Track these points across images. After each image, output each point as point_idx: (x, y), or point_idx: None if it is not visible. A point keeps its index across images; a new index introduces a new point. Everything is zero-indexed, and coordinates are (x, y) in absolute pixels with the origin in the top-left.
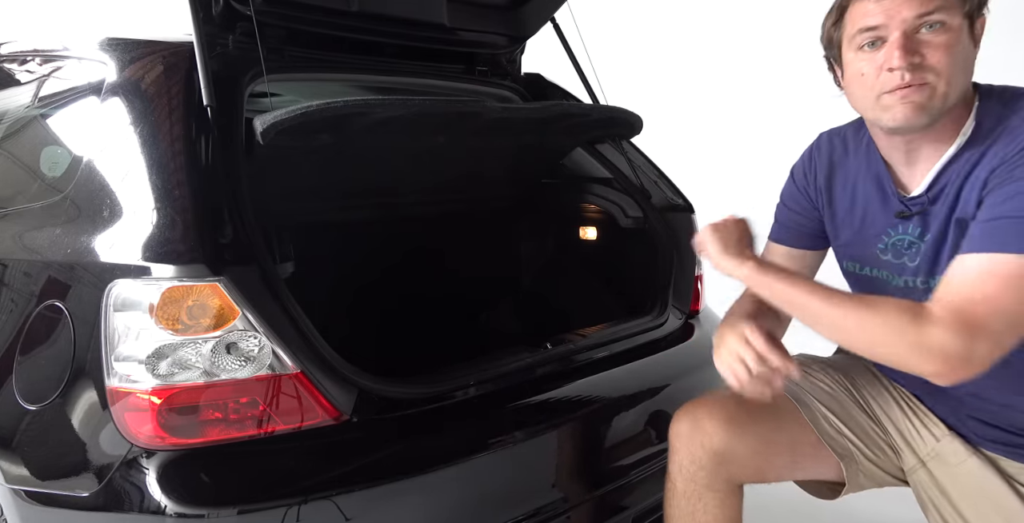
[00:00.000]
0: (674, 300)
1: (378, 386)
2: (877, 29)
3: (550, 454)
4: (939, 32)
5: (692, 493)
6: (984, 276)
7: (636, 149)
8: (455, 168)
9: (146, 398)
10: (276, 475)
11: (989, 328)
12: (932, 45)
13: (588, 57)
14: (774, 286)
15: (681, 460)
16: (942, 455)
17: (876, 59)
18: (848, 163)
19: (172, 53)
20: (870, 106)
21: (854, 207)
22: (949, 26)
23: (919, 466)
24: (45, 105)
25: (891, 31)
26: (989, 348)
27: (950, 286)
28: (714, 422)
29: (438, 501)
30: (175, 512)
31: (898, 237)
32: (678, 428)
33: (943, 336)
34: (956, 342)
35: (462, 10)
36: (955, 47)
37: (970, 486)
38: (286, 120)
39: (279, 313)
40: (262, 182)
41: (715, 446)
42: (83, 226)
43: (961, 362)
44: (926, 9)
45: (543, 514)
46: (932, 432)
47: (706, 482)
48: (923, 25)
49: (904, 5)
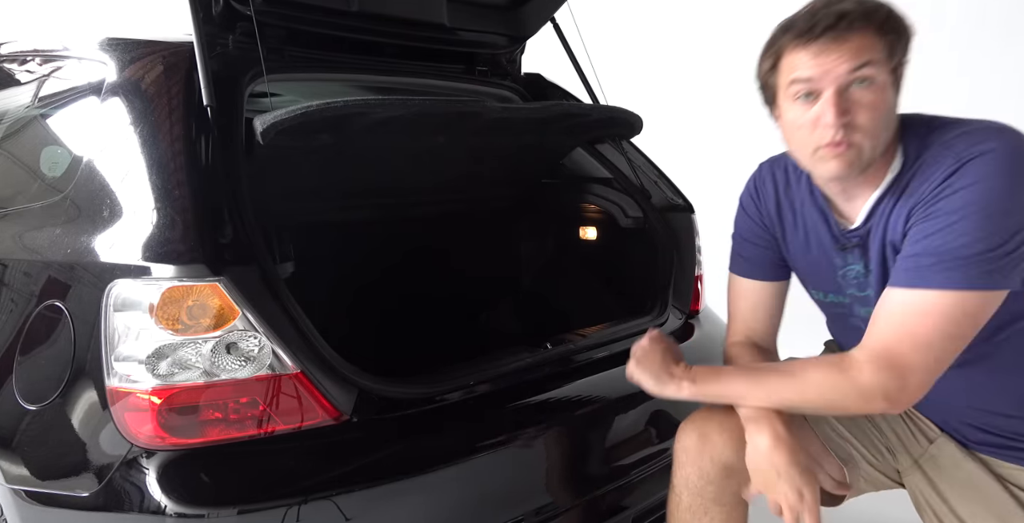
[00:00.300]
0: (674, 300)
1: (378, 386)
2: (811, 82)
3: (550, 454)
4: (868, 89)
5: (698, 507)
6: (904, 312)
7: (636, 149)
8: (455, 168)
9: (146, 398)
10: (276, 475)
11: (913, 363)
12: (861, 104)
13: (588, 57)
14: (718, 394)
15: (688, 475)
16: (935, 456)
17: (811, 113)
18: (793, 193)
19: (172, 53)
20: (807, 157)
21: (807, 237)
22: (877, 83)
23: (914, 467)
24: (45, 105)
25: (825, 86)
26: (920, 377)
27: (874, 323)
28: (725, 436)
29: (438, 501)
30: (175, 512)
31: (847, 268)
32: (685, 442)
33: (873, 378)
34: (887, 381)
35: (462, 10)
36: (882, 105)
37: (964, 487)
38: (286, 120)
39: (279, 313)
40: (262, 182)
41: (725, 460)
42: (83, 226)
43: (900, 393)
44: (858, 64)
45: (543, 514)
46: (925, 434)
47: (714, 496)
48: (855, 80)
49: (838, 61)
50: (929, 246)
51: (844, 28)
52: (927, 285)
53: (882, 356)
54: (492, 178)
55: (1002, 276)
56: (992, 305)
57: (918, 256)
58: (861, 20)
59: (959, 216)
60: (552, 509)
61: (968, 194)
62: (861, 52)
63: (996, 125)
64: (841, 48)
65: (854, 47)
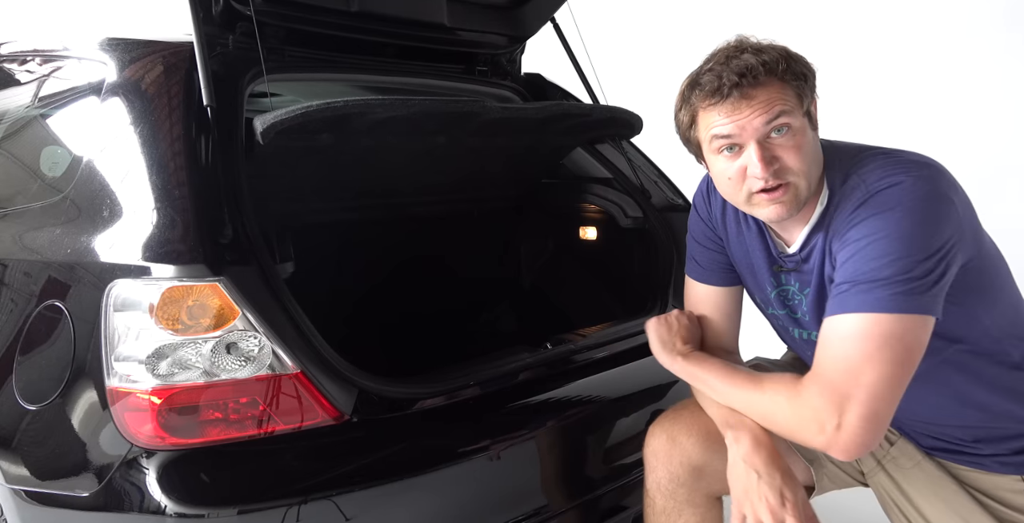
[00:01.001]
0: (674, 300)
1: (378, 386)
2: (731, 137)
3: (550, 454)
4: (787, 135)
5: (672, 509)
6: (833, 338)
7: (636, 149)
8: (455, 168)
9: (146, 398)
10: (276, 475)
11: (844, 387)
12: (785, 148)
13: (588, 57)
14: (699, 377)
15: (659, 478)
16: (896, 458)
17: (737, 164)
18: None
19: (172, 53)
20: (742, 202)
21: (747, 249)
22: (794, 128)
23: (877, 468)
24: (45, 105)
25: (745, 140)
26: (856, 407)
27: (816, 351)
28: (692, 439)
29: (438, 501)
30: (175, 512)
31: (781, 288)
32: (654, 445)
33: (809, 402)
34: (822, 405)
35: (462, 10)
36: (804, 145)
37: (925, 486)
38: (286, 120)
39: (279, 313)
40: (262, 182)
41: (694, 462)
42: (83, 226)
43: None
44: (771, 116)
45: (543, 514)
46: (886, 436)
47: (686, 498)
48: (772, 130)
49: (751, 116)
50: (845, 273)
51: (749, 84)
52: (846, 310)
53: (821, 382)
54: (492, 178)
55: (914, 300)
56: (915, 330)
57: (840, 284)
58: (764, 73)
59: (867, 242)
60: (552, 509)
61: (875, 221)
62: (772, 104)
63: (915, 158)
64: (752, 104)
65: (764, 100)
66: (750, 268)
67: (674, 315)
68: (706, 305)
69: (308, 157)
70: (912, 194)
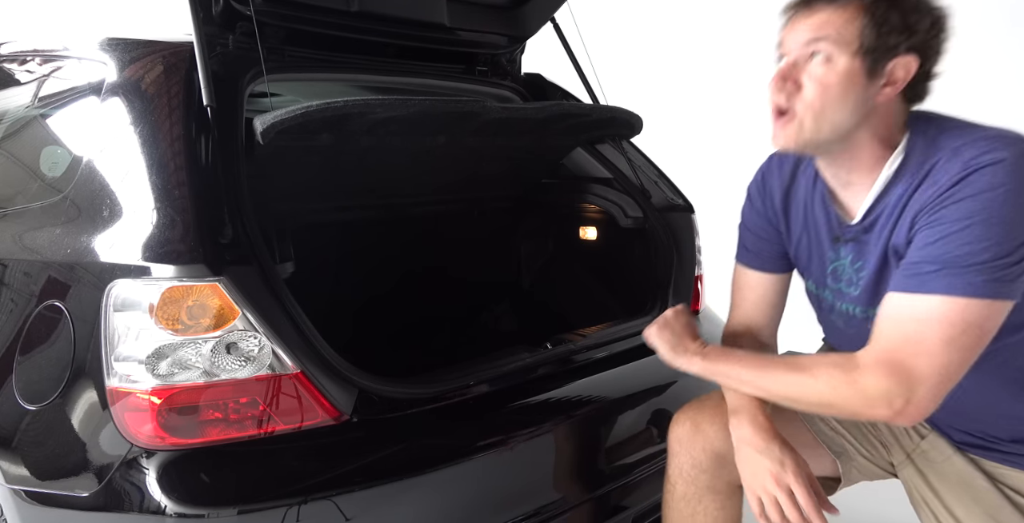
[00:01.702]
0: (674, 300)
1: (378, 386)
2: (783, 57)
3: (550, 454)
4: (821, 65)
5: (692, 496)
6: (907, 317)
7: (636, 149)
8: (455, 168)
9: (146, 398)
10: (276, 475)
11: (918, 370)
12: (811, 77)
13: (588, 57)
14: (725, 373)
15: (682, 464)
16: (927, 452)
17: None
18: (798, 183)
19: (172, 53)
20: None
21: (807, 227)
22: (833, 61)
23: (907, 462)
24: (45, 105)
25: (787, 53)
26: (927, 389)
27: (879, 327)
28: (715, 426)
29: (438, 501)
30: (175, 512)
31: (838, 262)
32: (678, 432)
33: (876, 382)
34: (892, 387)
35: (462, 10)
36: (833, 84)
37: (954, 482)
38: (286, 120)
39: (279, 313)
40: (262, 182)
41: (717, 449)
42: (83, 226)
43: (906, 404)
44: (813, 36)
45: (543, 514)
46: (917, 429)
47: (707, 484)
48: (812, 54)
49: (799, 33)
50: (933, 253)
51: (818, 3)
52: (929, 291)
53: (887, 361)
54: (492, 178)
55: (1005, 287)
56: (997, 316)
57: (921, 262)
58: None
59: (964, 225)
60: (552, 509)
61: (974, 203)
62: (822, 27)
63: (1010, 134)
64: (808, 22)
65: (818, 22)
66: (810, 245)
67: (670, 315)
68: (751, 291)
69: (308, 157)
70: (1014, 174)
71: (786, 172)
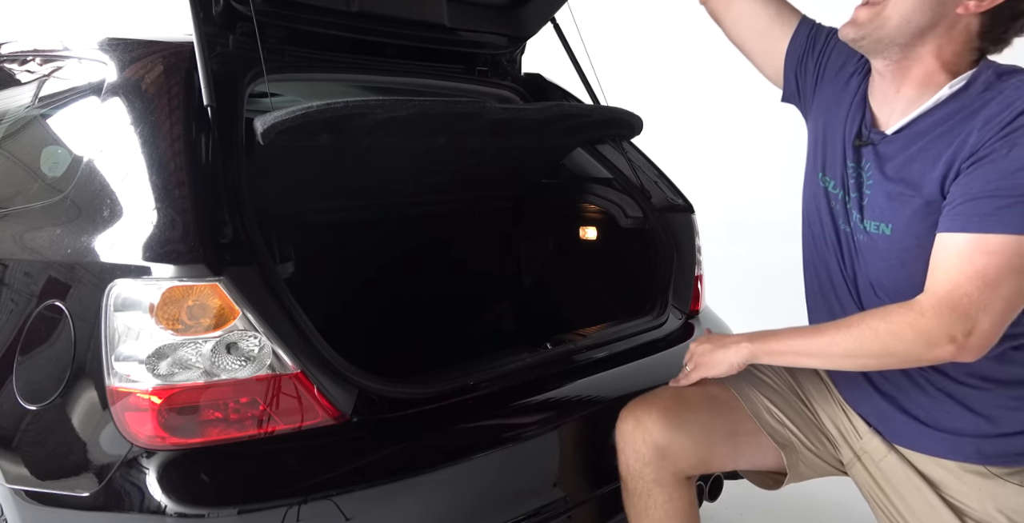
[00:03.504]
0: (674, 300)
1: (378, 386)
2: None
3: (550, 454)
4: None
5: (642, 490)
6: (967, 255)
7: (636, 149)
8: (455, 168)
9: (146, 398)
10: (276, 475)
11: (980, 302)
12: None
13: (588, 57)
14: (779, 349)
15: (627, 458)
16: (868, 451)
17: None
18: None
19: (172, 53)
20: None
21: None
22: None
23: (855, 460)
24: (45, 105)
25: None
26: (989, 320)
27: (937, 269)
28: (652, 417)
29: (438, 501)
30: (175, 512)
31: (858, 167)
32: (622, 428)
33: (938, 321)
34: (953, 322)
35: (462, 10)
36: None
37: (894, 480)
38: (287, 120)
39: (279, 313)
40: (262, 182)
41: (656, 440)
42: (83, 226)
43: (969, 337)
44: None
45: (543, 514)
46: (857, 429)
47: (653, 477)
48: None
49: None
50: (992, 188)
51: None
52: (989, 229)
53: (947, 298)
54: (492, 178)
55: None
56: None
57: (978, 199)
58: None
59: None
60: (552, 509)
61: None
62: None
63: None
64: None
65: None
66: (828, 132)
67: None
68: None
69: (308, 157)
70: None
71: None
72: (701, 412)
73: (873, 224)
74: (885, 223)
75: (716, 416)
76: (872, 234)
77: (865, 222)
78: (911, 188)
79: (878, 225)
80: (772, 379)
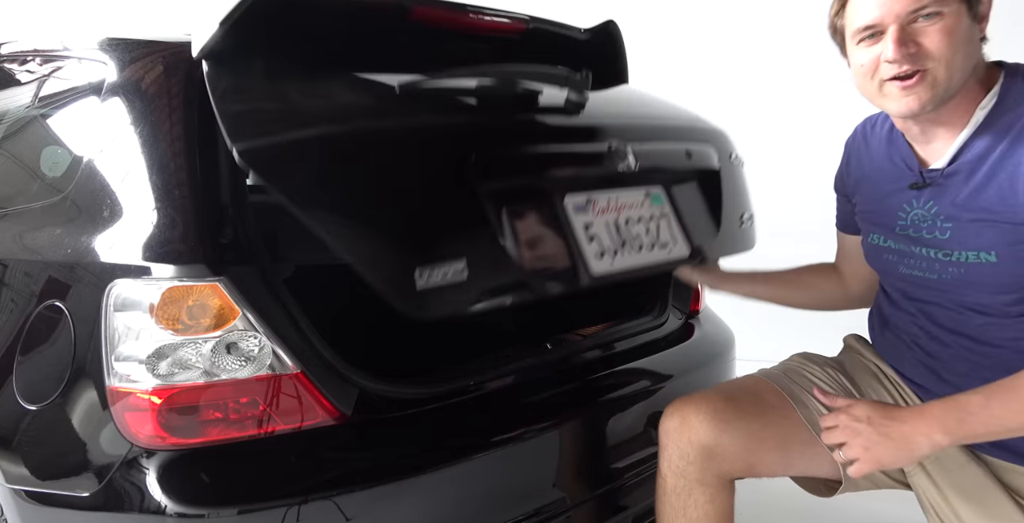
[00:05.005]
0: (674, 300)
1: (378, 386)
2: (875, 26)
3: (550, 454)
4: (935, 21)
5: (682, 489)
6: None
7: None
8: None
9: (146, 398)
10: (276, 475)
11: None
12: (928, 33)
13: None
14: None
15: (670, 456)
16: (941, 459)
17: (874, 51)
18: (872, 142)
19: (172, 53)
20: (874, 95)
21: (877, 176)
22: (946, 13)
23: (919, 469)
24: (45, 105)
25: (887, 24)
26: None
27: None
28: (700, 417)
29: (438, 501)
30: (175, 512)
31: (915, 211)
32: (667, 425)
33: None
34: None
35: None
36: (953, 31)
37: (968, 491)
38: None
39: (279, 313)
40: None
41: (702, 440)
42: (83, 226)
43: None
44: (920, 4)
45: (543, 514)
46: None
47: (696, 477)
48: (919, 16)
49: (898, 2)
50: None
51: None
52: None
53: None
54: None
55: None
56: None
57: None
58: None
59: None
60: (552, 509)
61: None
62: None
63: None
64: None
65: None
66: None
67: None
68: (854, 253)
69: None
70: None
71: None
72: (752, 419)
73: (972, 254)
74: (986, 251)
75: (768, 424)
76: (971, 264)
77: (956, 255)
78: (996, 214)
79: (978, 254)
80: (827, 383)
